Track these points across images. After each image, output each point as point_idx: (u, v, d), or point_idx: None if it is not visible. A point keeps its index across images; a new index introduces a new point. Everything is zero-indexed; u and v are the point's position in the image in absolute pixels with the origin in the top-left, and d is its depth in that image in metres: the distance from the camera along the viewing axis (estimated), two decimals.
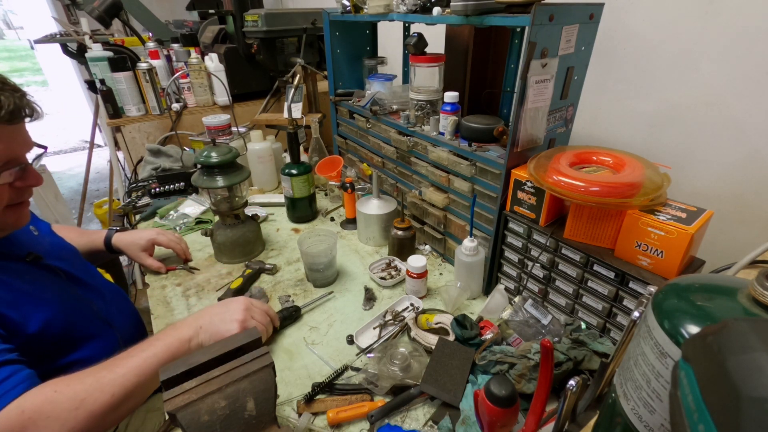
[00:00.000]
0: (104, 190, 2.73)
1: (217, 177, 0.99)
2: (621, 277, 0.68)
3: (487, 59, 1.11)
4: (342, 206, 1.34)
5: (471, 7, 0.75)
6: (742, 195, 0.90)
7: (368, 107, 1.15)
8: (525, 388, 0.65)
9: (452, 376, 0.70)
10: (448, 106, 0.92)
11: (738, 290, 0.32)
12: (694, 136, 0.94)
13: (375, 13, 1.01)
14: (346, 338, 0.82)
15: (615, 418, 0.39)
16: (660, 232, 0.62)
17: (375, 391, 0.70)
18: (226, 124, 1.47)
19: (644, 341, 0.35)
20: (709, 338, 0.26)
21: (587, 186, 0.66)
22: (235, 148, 1.02)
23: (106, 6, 1.69)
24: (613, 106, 1.08)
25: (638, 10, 0.96)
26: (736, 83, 0.85)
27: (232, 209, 1.05)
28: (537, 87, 0.74)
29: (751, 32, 0.81)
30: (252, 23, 1.51)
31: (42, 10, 3.70)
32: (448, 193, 0.98)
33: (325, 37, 1.25)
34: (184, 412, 0.50)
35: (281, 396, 0.69)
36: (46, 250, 0.80)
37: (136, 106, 1.59)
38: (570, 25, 0.73)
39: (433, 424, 0.66)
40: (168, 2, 3.35)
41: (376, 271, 1.03)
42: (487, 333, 0.77)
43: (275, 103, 1.79)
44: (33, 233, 0.83)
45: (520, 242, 0.84)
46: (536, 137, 0.80)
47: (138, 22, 2.03)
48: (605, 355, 0.67)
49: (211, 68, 1.63)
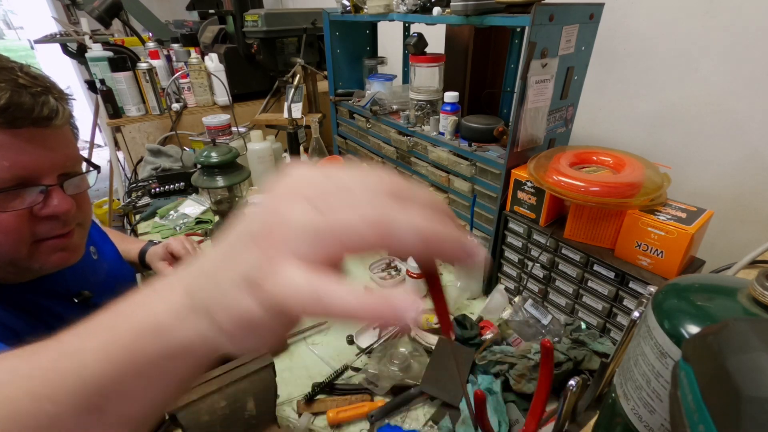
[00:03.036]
0: (104, 190, 2.73)
1: (217, 177, 0.99)
2: (621, 277, 0.68)
3: (487, 59, 1.11)
4: None
5: (471, 7, 0.75)
6: (742, 195, 0.90)
7: (368, 107, 1.15)
8: (525, 388, 0.65)
9: (452, 376, 0.70)
10: (448, 106, 0.92)
11: (738, 290, 0.32)
12: (694, 136, 0.94)
13: (375, 13, 1.01)
14: (346, 338, 0.82)
15: (615, 418, 0.39)
16: (660, 232, 0.62)
17: (375, 391, 0.70)
18: (226, 124, 1.47)
19: (644, 341, 0.35)
20: (709, 338, 0.26)
21: (587, 186, 0.66)
22: (235, 148, 1.02)
23: (106, 6, 1.69)
24: (613, 106, 1.08)
25: (638, 10, 0.96)
26: (736, 83, 0.85)
27: (232, 209, 1.05)
28: (537, 87, 0.74)
29: (751, 32, 0.81)
30: (252, 23, 1.51)
31: (42, 10, 3.70)
32: (448, 193, 0.98)
33: (325, 37, 1.25)
34: (184, 412, 0.50)
35: (281, 396, 0.69)
36: (100, 283, 0.66)
37: (136, 106, 1.59)
38: (570, 25, 0.73)
39: (433, 424, 0.66)
40: (168, 2, 3.35)
41: (376, 271, 1.03)
42: (487, 333, 0.77)
43: (275, 103, 1.79)
44: (92, 257, 0.69)
45: (520, 242, 0.84)
46: (536, 137, 0.80)
47: (138, 22, 2.03)
48: (605, 355, 0.67)
49: (211, 68, 1.63)
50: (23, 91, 0.47)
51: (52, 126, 0.50)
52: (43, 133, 0.49)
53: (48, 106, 0.49)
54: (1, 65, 0.48)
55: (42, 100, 0.48)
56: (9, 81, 0.46)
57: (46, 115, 0.48)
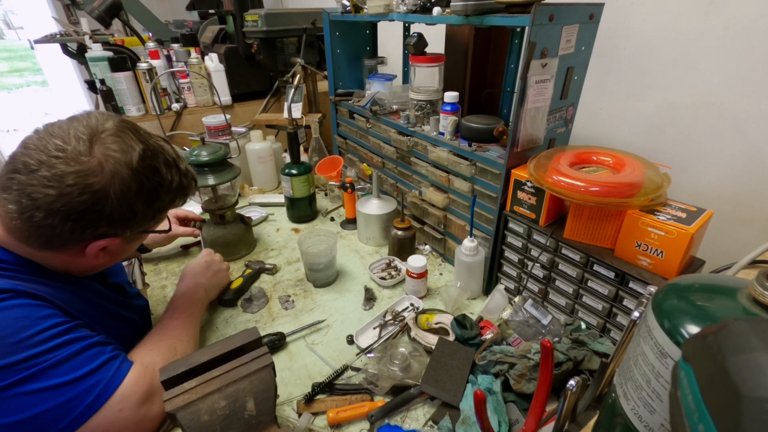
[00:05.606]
0: None
1: (207, 175, 1.00)
2: (621, 277, 0.68)
3: (487, 59, 1.11)
4: (342, 206, 1.34)
5: (471, 7, 0.75)
6: (742, 195, 0.90)
7: (368, 107, 1.15)
8: (525, 388, 0.65)
9: (452, 376, 0.70)
10: (448, 106, 0.92)
11: (738, 290, 0.32)
12: (694, 136, 0.94)
13: (375, 13, 1.01)
14: (346, 338, 0.82)
15: (615, 418, 0.39)
16: (660, 232, 0.62)
17: (375, 391, 0.70)
18: (226, 124, 1.47)
19: (644, 341, 0.35)
20: (709, 338, 0.26)
21: (587, 186, 0.66)
22: (225, 147, 1.04)
23: (106, 6, 1.69)
24: (613, 106, 1.08)
25: (638, 10, 0.96)
26: (736, 83, 0.85)
27: (219, 209, 1.05)
28: (537, 87, 0.74)
29: (751, 32, 0.81)
30: (252, 23, 1.51)
31: (42, 10, 3.69)
32: (448, 193, 0.98)
33: (325, 37, 1.25)
34: (184, 412, 0.50)
35: (281, 396, 0.69)
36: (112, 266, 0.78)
37: (136, 106, 1.59)
38: (570, 25, 0.73)
39: (433, 424, 0.66)
40: (168, 2, 3.35)
41: (376, 271, 1.03)
42: (487, 333, 0.77)
43: (275, 103, 1.79)
44: None
45: (520, 242, 0.84)
46: (536, 137, 0.80)
47: (138, 22, 2.03)
48: (605, 355, 0.67)
49: (211, 68, 1.63)
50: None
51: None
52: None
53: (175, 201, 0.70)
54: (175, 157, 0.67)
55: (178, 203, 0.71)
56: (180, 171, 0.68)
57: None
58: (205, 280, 0.87)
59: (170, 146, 0.67)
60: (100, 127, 0.58)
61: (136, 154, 0.59)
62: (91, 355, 0.56)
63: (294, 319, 0.89)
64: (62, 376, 0.53)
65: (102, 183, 0.55)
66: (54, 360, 0.53)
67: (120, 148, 0.57)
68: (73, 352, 0.55)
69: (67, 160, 0.53)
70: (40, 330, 0.53)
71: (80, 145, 0.55)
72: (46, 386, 0.51)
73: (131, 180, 0.58)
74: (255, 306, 0.93)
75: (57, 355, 0.53)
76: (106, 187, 0.56)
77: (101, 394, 0.55)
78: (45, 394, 0.51)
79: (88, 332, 0.59)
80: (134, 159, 0.58)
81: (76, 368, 0.54)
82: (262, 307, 0.93)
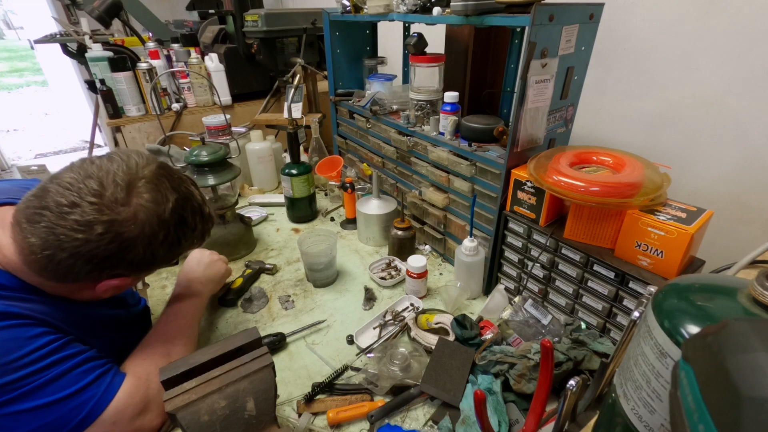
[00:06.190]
0: None
1: (207, 176, 1.00)
2: (621, 277, 0.68)
3: (487, 59, 1.11)
4: (342, 206, 1.34)
5: (471, 7, 0.75)
6: (742, 195, 0.90)
7: (368, 107, 1.15)
8: (525, 388, 0.65)
9: (452, 376, 0.70)
10: (448, 106, 0.92)
11: (738, 290, 0.32)
12: (694, 136, 0.94)
13: (375, 13, 1.01)
14: (346, 338, 0.82)
15: (615, 418, 0.39)
16: (660, 232, 0.62)
17: (375, 391, 0.70)
18: (226, 124, 1.47)
19: (644, 341, 0.35)
20: (709, 338, 0.26)
21: (587, 186, 0.66)
22: (225, 147, 1.03)
23: (106, 6, 1.69)
24: (613, 106, 1.08)
25: (638, 10, 0.96)
26: (736, 83, 0.85)
27: (219, 209, 1.05)
28: (537, 87, 0.74)
29: (751, 32, 0.81)
30: (252, 23, 1.51)
31: (42, 10, 3.69)
32: (448, 193, 0.98)
33: (325, 37, 1.25)
34: (184, 412, 0.50)
35: (281, 396, 0.69)
36: None
37: (136, 106, 1.59)
38: (570, 25, 0.73)
39: (433, 424, 0.66)
40: (168, 2, 3.35)
41: (376, 271, 1.03)
42: (487, 333, 0.77)
43: (275, 103, 1.79)
44: None
45: (520, 242, 0.84)
46: (536, 137, 0.80)
47: (138, 22, 2.03)
48: (605, 355, 0.67)
49: (211, 68, 1.63)
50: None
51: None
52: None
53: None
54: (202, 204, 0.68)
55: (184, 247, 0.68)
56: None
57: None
58: (198, 275, 0.85)
59: (198, 190, 0.67)
60: (139, 173, 0.57)
61: (170, 206, 0.59)
62: (83, 372, 0.56)
63: (294, 319, 0.89)
64: (52, 395, 0.52)
65: (132, 233, 0.55)
66: (44, 379, 0.52)
67: (154, 198, 0.57)
68: (63, 370, 0.54)
69: (101, 207, 0.53)
70: (30, 351, 0.52)
71: (118, 192, 0.54)
72: (36, 405, 0.51)
73: (159, 229, 0.58)
74: (255, 306, 0.93)
75: (47, 374, 0.52)
76: (135, 237, 0.56)
77: (93, 410, 0.55)
78: (35, 413, 0.51)
79: (80, 347, 0.58)
80: (167, 211, 0.58)
81: (66, 386, 0.54)
82: (262, 307, 0.93)
